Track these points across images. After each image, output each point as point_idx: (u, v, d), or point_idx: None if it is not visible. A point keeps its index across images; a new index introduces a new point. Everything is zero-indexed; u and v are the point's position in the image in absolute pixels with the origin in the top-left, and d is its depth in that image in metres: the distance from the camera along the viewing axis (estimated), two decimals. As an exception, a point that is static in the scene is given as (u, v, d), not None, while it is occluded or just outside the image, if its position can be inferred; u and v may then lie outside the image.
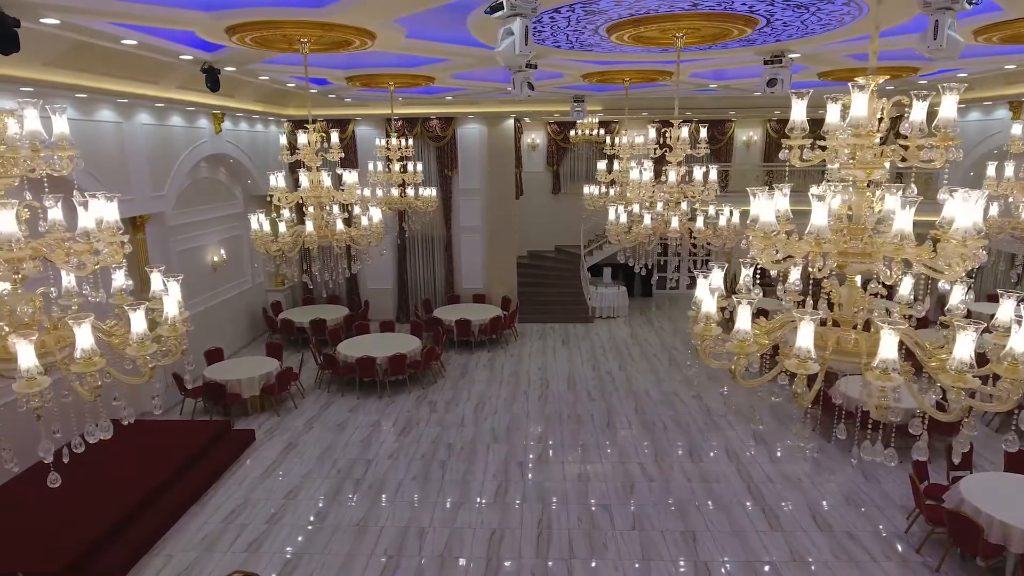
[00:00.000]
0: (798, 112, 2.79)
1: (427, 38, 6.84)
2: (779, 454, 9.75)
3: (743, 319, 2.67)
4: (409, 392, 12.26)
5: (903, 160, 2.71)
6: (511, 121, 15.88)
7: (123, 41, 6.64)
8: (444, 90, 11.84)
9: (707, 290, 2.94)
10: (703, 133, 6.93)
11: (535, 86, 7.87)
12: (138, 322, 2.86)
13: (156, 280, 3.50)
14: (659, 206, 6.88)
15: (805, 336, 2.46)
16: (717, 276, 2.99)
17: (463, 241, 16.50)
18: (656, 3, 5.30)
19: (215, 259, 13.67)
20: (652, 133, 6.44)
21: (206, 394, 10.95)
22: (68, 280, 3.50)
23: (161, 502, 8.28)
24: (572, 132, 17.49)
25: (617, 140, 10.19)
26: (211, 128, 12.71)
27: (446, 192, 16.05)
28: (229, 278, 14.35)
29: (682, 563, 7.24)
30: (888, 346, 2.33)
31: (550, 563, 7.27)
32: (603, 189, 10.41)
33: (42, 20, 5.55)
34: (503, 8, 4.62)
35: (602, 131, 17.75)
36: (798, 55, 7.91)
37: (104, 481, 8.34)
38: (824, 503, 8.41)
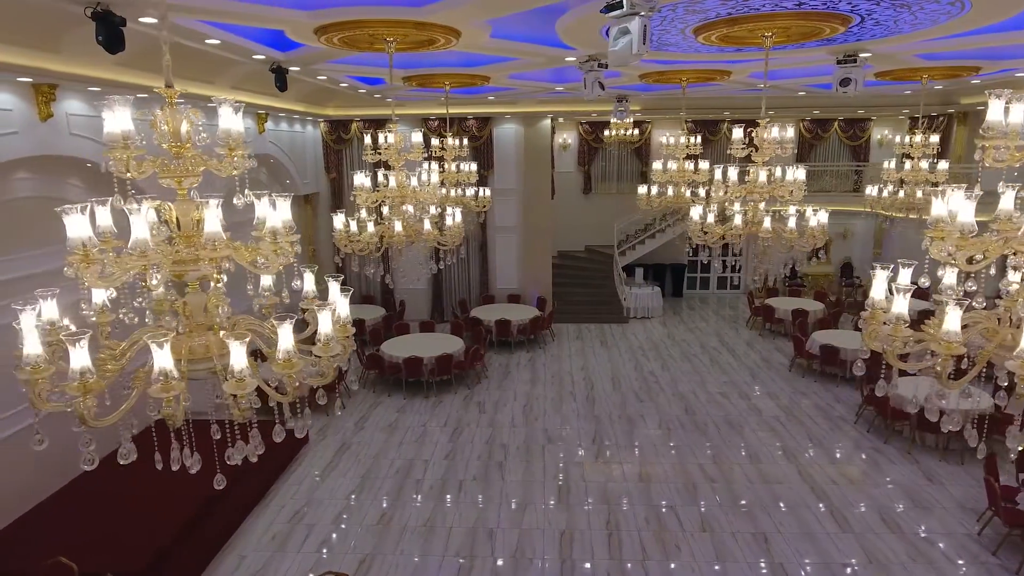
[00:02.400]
0: (995, 112, 2.75)
1: (509, 37, 6.82)
2: (830, 454, 9.72)
3: (952, 320, 2.64)
4: (455, 392, 12.24)
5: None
6: (547, 121, 15.86)
7: (207, 41, 6.63)
8: (492, 90, 11.81)
9: (890, 288, 2.91)
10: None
11: (605, 85, 7.83)
12: (325, 323, 2.83)
13: (308, 280, 3.48)
14: (736, 206, 6.84)
15: (1032, 337, 2.44)
16: (905, 275, 2.96)
17: (498, 241, 16.48)
18: (761, 1, 5.28)
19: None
20: (738, 133, 6.39)
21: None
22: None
23: (227, 502, 8.26)
24: (606, 132, 17.45)
25: (672, 140, 10.15)
26: (255, 128, 12.71)
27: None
28: (269, 278, 14.34)
29: (758, 565, 7.21)
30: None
31: (626, 565, 7.24)
32: (657, 189, 10.37)
33: (140, 19, 5.54)
34: (622, 7, 4.58)
35: (635, 131, 17.74)
36: (869, 54, 7.86)
37: (169, 480, 8.32)
38: (890, 505, 8.36)
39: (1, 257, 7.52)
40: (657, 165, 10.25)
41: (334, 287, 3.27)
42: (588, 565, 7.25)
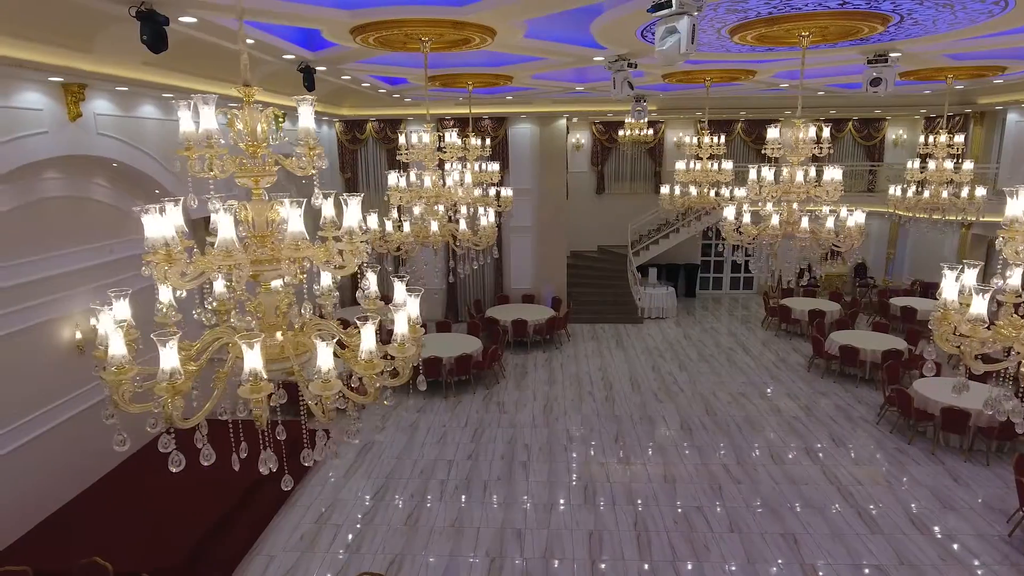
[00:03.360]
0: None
1: (543, 37, 6.81)
2: (853, 455, 9.69)
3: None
4: (474, 392, 12.23)
5: None
6: (563, 121, 15.84)
7: (241, 40, 6.61)
8: (511, 90, 11.79)
9: (960, 290, 2.89)
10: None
11: (634, 85, 7.81)
12: (401, 323, 2.82)
13: (372, 280, 3.46)
14: (768, 206, 6.82)
15: None
16: (970, 276, 2.95)
17: (513, 241, 16.47)
18: (803, 1, 5.26)
19: (273, 259, 13.66)
20: (773, 133, 6.38)
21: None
22: (277, 284, 3.45)
23: (254, 502, 8.26)
24: (621, 132, 17.43)
25: (695, 140, 10.13)
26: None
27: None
28: (285, 278, 14.33)
29: (789, 566, 7.19)
30: None
31: (656, 565, 7.22)
32: (679, 189, 10.35)
33: (180, 19, 5.53)
34: (670, 6, 4.56)
35: (649, 131, 17.72)
36: (899, 54, 7.83)
37: (197, 481, 8.32)
38: (918, 505, 8.33)
39: (19, 259, 7.43)
40: (680, 165, 10.23)
41: (399, 287, 3.26)
42: (618, 565, 7.23)
